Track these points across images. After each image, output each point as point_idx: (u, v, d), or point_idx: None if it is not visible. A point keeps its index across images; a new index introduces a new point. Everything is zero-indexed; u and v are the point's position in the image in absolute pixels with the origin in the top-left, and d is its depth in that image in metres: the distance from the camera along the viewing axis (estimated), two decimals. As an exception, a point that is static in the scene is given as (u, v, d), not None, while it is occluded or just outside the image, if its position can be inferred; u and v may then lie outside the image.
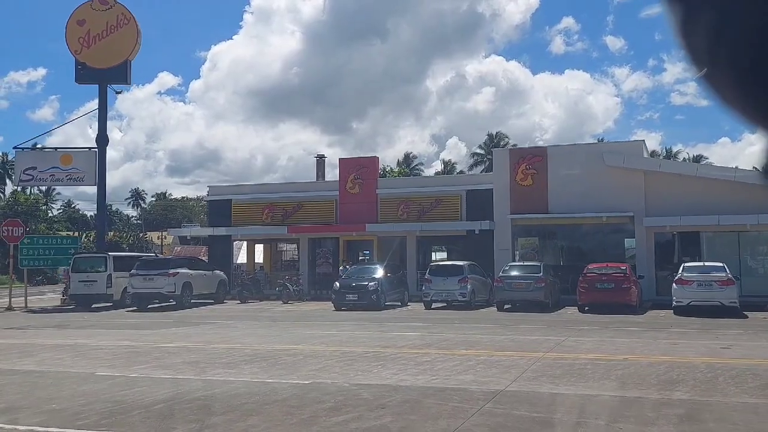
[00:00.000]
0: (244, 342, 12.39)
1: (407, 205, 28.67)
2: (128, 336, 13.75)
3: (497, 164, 27.85)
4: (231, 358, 10.16)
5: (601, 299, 19.92)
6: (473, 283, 22.15)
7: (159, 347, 11.62)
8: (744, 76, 0.69)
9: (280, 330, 14.77)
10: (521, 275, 21.25)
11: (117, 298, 23.40)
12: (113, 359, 10.18)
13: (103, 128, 28.78)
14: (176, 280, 22.71)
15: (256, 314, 20.17)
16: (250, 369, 9.06)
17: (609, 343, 11.83)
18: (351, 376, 8.40)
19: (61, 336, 13.94)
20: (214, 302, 24.78)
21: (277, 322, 17.28)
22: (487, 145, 68.66)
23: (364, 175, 29.36)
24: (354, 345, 11.68)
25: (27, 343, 12.46)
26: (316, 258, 30.54)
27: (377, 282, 22.03)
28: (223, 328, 15.43)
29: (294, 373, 8.70)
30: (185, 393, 7.40)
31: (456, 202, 28.14)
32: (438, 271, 22.33)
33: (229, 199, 31.27)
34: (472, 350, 10.78)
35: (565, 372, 8.54)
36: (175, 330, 15.06)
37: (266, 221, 30.27)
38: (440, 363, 9.34)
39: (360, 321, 17.08)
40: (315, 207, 30.03)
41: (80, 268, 23.74)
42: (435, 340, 12.38)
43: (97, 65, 28.29)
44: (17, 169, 28.11)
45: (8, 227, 24.36)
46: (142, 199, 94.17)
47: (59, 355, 10.75)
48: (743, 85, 0.70)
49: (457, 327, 15.13)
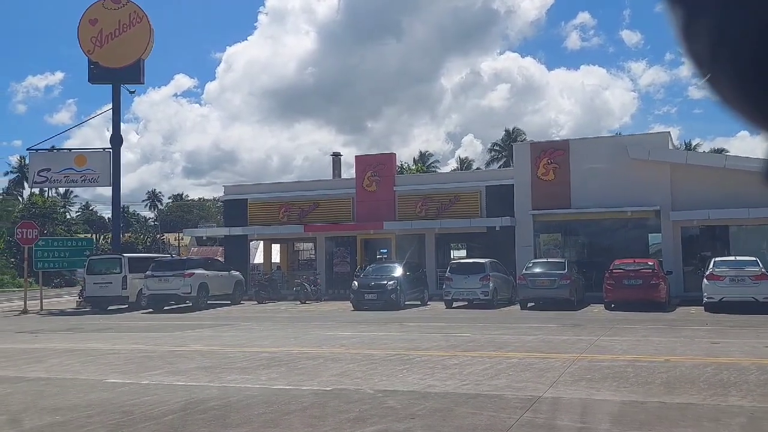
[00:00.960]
0: (261, 345, 11.90)
1: (425, 202, 28.09)
2: (142, 339, 13.32)
3: (518, 159, 27.18)
4: (247, 362, 9.67)
5: (628, 296, 19.27)
6: (495, 281, 21.55)
7: (173, 351, 11.15)
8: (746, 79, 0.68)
9: (298, 332, 14.27)
10: (545, 272, 20.62)
11: (133, 299, 23.05)
12: (125, 365, 9.73)
13: (116, 128, 28.52)
14: (192, 281, 22.31)
15: (273, 315, 19.71)
16: (268, 374, 8.55)
17: (645, 343, 11.19)
18: (375, 381, 7.86)
19: (73, 340, 13.54)
20: (231, 303, 24.38)
21: (295, 323, 16.80)
22: (504, 141, 68.04)
23: (381, 172, 28.81)
24: (376, 347, 11.15)
25: (37, 348, 12.06)
26: (333, 257, 30.05)
27: (396, 281, 21.49)
28: (239, 330, 14.96)
29: (314, 378, 8.18)
30: (199, 402, 6.91)
31: (475, 199, 27.51)
32: (459, 269, 21.74)
33: (244, 199, 30.87)
34: (502, 352, 10.19)
35: (604, 376, 7.93)
36: (190, 333, 14.61)
37: (282, 220, 29.84)
38: (469, 366, 8.77)
39: (380, 321, 16.55)
40: (331, 205, 29.55)
41: (95, 270, 23.41)
42: (460, 341, 11.80)
43: (109, 65, 28.01)
44: (31, 170, 27.89)
45: (23, 229, 24.12)
46: (158, 200, 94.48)
47: (69, 360, 10.32)
48: (745, 88, 0.69)
49: (481, 327, 14.54)
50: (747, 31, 0.67)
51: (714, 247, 24.04)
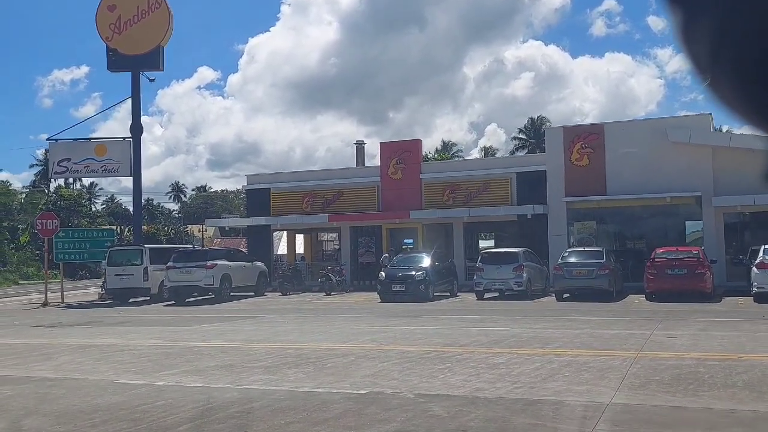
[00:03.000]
0: (287, 340, 11.11)
1: (453, 190, 27.11)
2: (161, 334, 12.62)
3: (550, 144, 26.06)
4: (272, 360, 8.87)
5: (672, 286, 18.22)
6: (529, 271, 20.57)
7: (192, 347, 10.41)
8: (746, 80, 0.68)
9: (325, 325, 13.47)
10: (582, 262, 19.59)
11: (154, 291, 22.46)
12: (140, 362, 8.99)
13: (136, 117, 27.93)
14: (214, 272, 21.64)
15: (298, 307, 18.96)
16: (295, 374, 7.74)
17: (706, 338, 10.18)
18: (414, 383, 7.00)
19: (89, 334, 12.89)
20: (255, 295, 23.70)
21: (321, 315, 16.02)
22: (528, 129, 66.76)
23: (407, 160, 27.88)
24: (410, 343, 10.29)
25: (50, 344, 11.40)
26: (358, 247, 29.23)
27: (425, 272, 20.61)
28: (263, 324, 14.21)
29: (346, 379, 7.35)
30: (218, 408, 6.11)
31: (505, 186, 26.47)
32: (490, 259, 20.78)
33: (267, 188, 30.15)
34: (549, 348, 9.26)
35: (675, 377, 6.98)
36: (212, 326, 13.89)
37: (306, 210, 29.08)
38: (517, 366, 7.87)
39: (410, 314, 15.70)
40: (356, 194, 28.71)
41: (116, 262, 22.84)
42: (501, 336, 10.89)
43: (128, 51, 27.39)
44: (51, 160, 27.42)
45: (43, 220, 23.65)
46: (182, 192, 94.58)
47: (81, 357, 9.61)
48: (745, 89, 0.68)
49: (520, 320, 13.61)
50: (747, 32, 0.64)
51: (758, 235, 22.77)
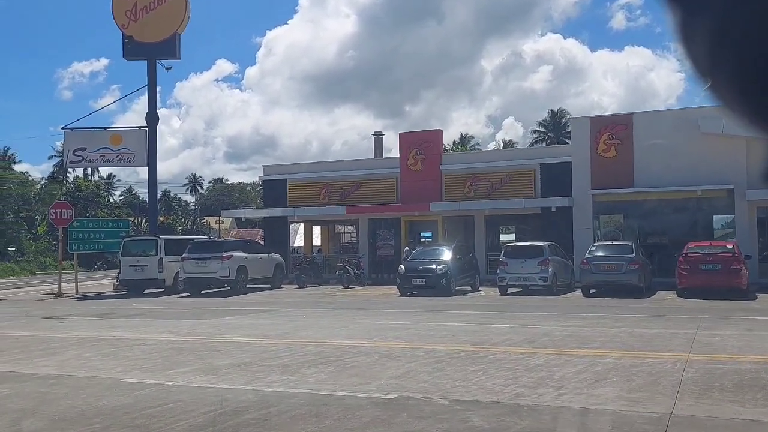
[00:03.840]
0: (305, 335, 10.52)
1: (474, 182, 26.36)
2: (174, 327, 12.10)
3: (576, 134, 25.23)
4: (290, 357, 8.28)
5: (705, 282, 17.46)
6: (555, 265, 19.84)
7: (206, 343, 9.85)
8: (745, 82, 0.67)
9: (345, 320, 12.87)
10: (611, 256, 18.82)
11: (169, 283, 22.02)
12: (149, 359, 8.43)
13: (152, 106, 27.49)
14: (230, 263, 21.15)
15: (315, 301, 18.40)
16: (315, 375, 7.13)
17: (758, 339, 9.43)
18: (447, 387, 6.37)
19: (100, 327, 12.39)
20: (271, 287, 23.20)
21: (340, 309, 15.43)
22: (548, 122, 65.75)
23: (427, 151, 27.16)
24: (437, 340, 9.65)
25: (58, 337, 10.90)
26: (376, 240, 28.60)
27: (446, 265, 19.95)
28: (280, 318, 13.64)
29: (371, 381, 6.73)
30: (231, 413, 5.52)
31: (529, 178, 25.68)
32: (514, 253, 20.06)
33: (284, 179, 29.59)
34: (588, 349, 8.58)
35: (738, 384, 6.28)
36: (227, 320, 13.35)
37: (323, 201, 28.50)
38: (557, 368, 7.20)
39: (432, 309, 15.06)
40: (374, 186, 28.06)
41: (130, 252, 22.42)
42: (534, 334, 10.21)
43: (144, 39, 26.94)
44: (66, 150, 27.07)
45: (57, 210, 23.27)
46: (199, 184, 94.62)
47: (88, 352, 9.09)
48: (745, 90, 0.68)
49: (549, 317, 12.92)
50: (746, 32, 0.64)
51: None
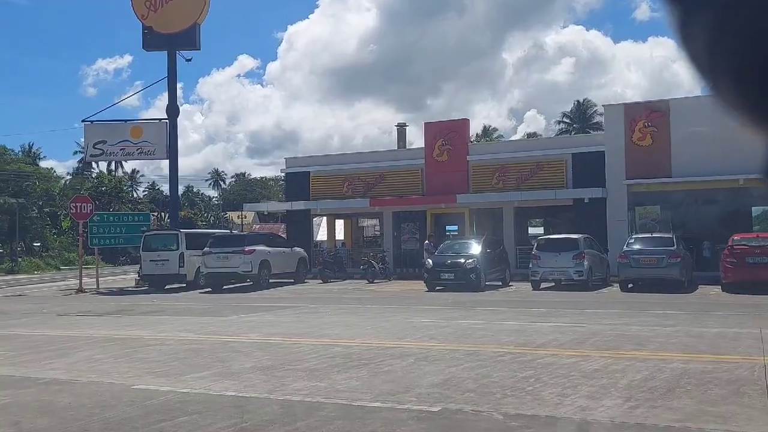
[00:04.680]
0: (332, 334, 9.81)
1: (503, 173, 25.46)
2: (193, 325, 11.47)
3: (609, 122, 24.21)
4: (317, 360, 7.56)
5: (752, 277, 16.53)
6: (590, 259, 18.93)
7: (226, 342, 9.18)
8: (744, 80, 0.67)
9: (373, 317, 12.14)
10: (651, 249, 17.88)
11: (191, 278, 21.47)
12: (165, 361, 7.77)
13: (173, 98, 27.00)
14: (253, 258, 20.54)
15: (340, 296, 17.71)
16: (346, 381, 6.39)
17: (832, 340, 8.52)
18: (497, 397, 5.59)
19: (116, 325, 11.80)
20: (294, 282, 22.57)
21: (367, 305, 14.71)
22: (574, 113, 64.41)
23: (454, 141, 26.30)
24: (476, 341, 8.86)
25: (72, 336, 10.31)
26: (400, 233, 27.84)
27: (476, 259, 19.12)
28: (305, 315, 12.96)
29: (409, 389, 5.98)
30: (253, 428, 4.81)
31: (560, 168, 24.71)
32: (548, 246, 19.19)
33: (306, 172, 28.94)
34: (649, 351, 7.74)
35: (835, 395, 5.43)
36: (249, 317, 12.69)
37: (347, 194, 27.80)
38: (619, 374, 6.39)
39: (464, 305, 14.27)
40: (399, 177, 27.28)
41: (151, 247, 21.93)
42: (580, 334, 9.38)
43: (164, 30, 26.41)
44: (87, 143, 26.67)
45: (77, 203, 22.85)
46: (222, 179, 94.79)
47: (101, 354, 8.46)
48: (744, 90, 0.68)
49: (592, 314, 12.06)
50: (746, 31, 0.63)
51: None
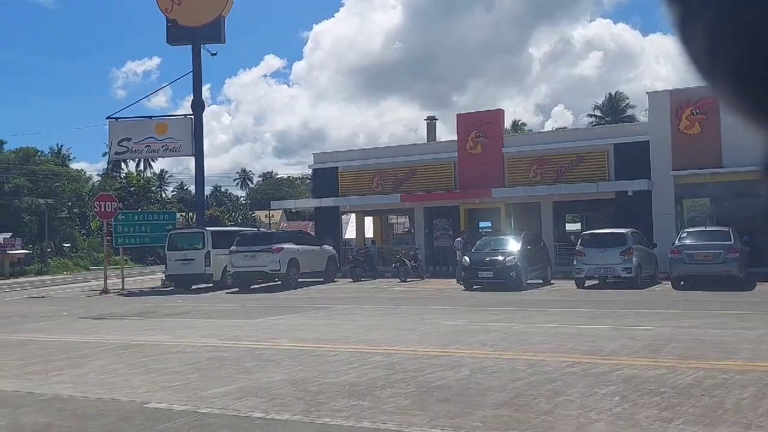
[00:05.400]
0: (370, 340, 8.85)
1: (540, 165, 24.27)
2: (218, 329, 10.61)
3: (654, 110, 22.87)
4: (357, 372, 6.61)
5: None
6: (638, 255, 17.72)
7: (253, 350, 8.27)
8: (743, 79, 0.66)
9: (411, 320, 11.16)
10: (706, 244, 16.62)
11: (217, 278, 20.71)
12: (185, 372, 6.88)
13: (198, 93, 26.34)
14: (281, 256, 19.71)
15: (373, 296, 16.77)
16: (394, 400, 5.42)
17: None
18: (581, 422, 4.57)
19: (136, 329, 10.99)
20: (324, 281, 21.70)
21: (402, 306, 13.74)
22: (605, 105, 62.72)
23: (488, 132, 25.17)
24: (533, 347, 7.82)
25: (87, 342, 9.50)
26: (432, 230, 26.81)
27: (515, 256, 18.03)
28: (338, 317, 12.04)
29: (472, 411, 4.98)
30: (286, 466, 3.88)
31: (602, 159, 23.44)
32: (593, 242, 18.01)
33: (335, 167, 28.06)
34: (741, 361, 6.63)
35: None
36: (278, 320, 11.80)
37: (376, 190, 26.85)
38: (722, 391, 5.31)
39: (507, 305, 13.23)
40: (430, 172, 26.25)
41: (177, 246, 21.21)
42: (651, 338, 8.27)
43: (188, 23, 25.77)
44: (111, 140, 26.13)
45: (101, 202, 22.26)
46: (249, 179, 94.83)
47: (116, 363, 7.61)
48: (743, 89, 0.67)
49: (652, 315, 10.93)
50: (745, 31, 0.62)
51: None
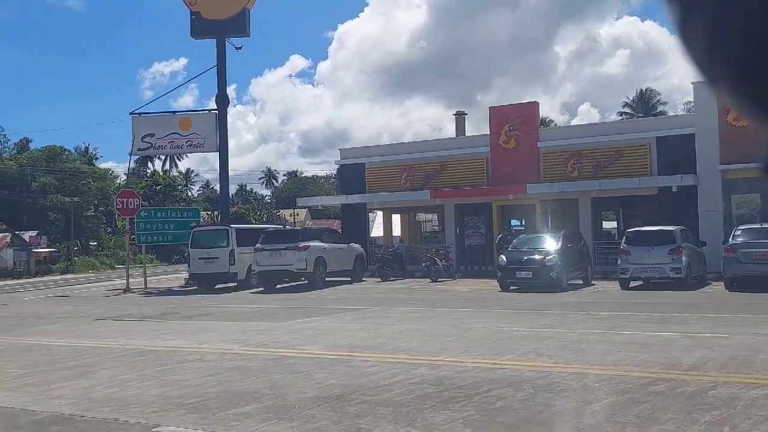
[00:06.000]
0: (409, 347, 7.94)
1: (578, 159, 23.14)
2: (241, 333, 9.78)
3: (700, 101, 21.58)
4: (400, 387, 5.71)
5: None
6: (688, 254, 16.58)
7: (280, 359, 7.41)
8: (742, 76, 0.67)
9: (451, 324, 10.22)
10: (764, 242, 15.42)
11: (242, 277, 19.97)
12: (203, 386, 6.04)
13: (222, 88, 25.61)
14: (308, 254, 18.90)
15: (405, 297, 15.86)
16: (450, 425, 4.48)
17: None
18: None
19: (154, 333, 10.21)
20: (351, 280, 20.85)
21: (438, 309, 12.81)
22: (636, 102, 61.02)
23: (522, 126, 24.09)
24: (599, 358, 6.83)
25: (99, 348, 8.73)
26: (463, 228, 25.81)
27: (556, 255, 16.99)
28: (370, 320, 11.15)
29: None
30: None
31: (643, 153, 22.25)
32: (639, 240, 16.90)
33: (362, 163, 27.18)
34: None
35: None
36: (306, 323, 10.95)
37: (405, 186, 25.93)
38: None
39: (551, 308, 12.23)
40: (461, 167, 25.25)
41: (200, 244, 20.51)
42: (735, 349, 7.22)
43: (212, 16, 25.07)
44: (135, 135, 25.55)
45: (123, 198, 21.69)
46: (274, 178, 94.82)
47: (127, 373, 6.80)
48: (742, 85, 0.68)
49: (717, 319, 9.87)
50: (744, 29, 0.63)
51: None
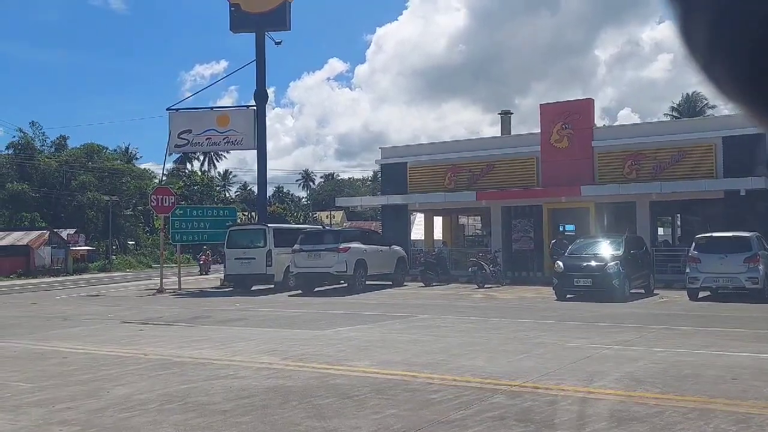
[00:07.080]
0: (477, 368, 6.77)
1: (636, 160, 21.65)
2: (280, 342, 8.74)
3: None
4: (480, 424, 4.56)
5: None
6: (765, 262, 15.06)
7: (325, 377, 6.32)
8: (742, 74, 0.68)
9: (515, 337, 9.02)
10: None
11: (279, 279, 19.05)
12: (233, 413, 4.98)
13: (261, 83, 24.89)
14: (348, 257, 17.89)
15: (453, 304, 14.68)
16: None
17: None
18: None
19: (183, 341, 9.23)
20: (393, 285, 19.77)
21: (492, 319, 11.60)
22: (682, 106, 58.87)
23: (576, 124, 22.69)
24: (715, 390, 5.58)
25: (121, 358, 7.77)
26: (511, 231, 24.48)
27: (618, 262, 15.60)
28: (421, 329, 10.02)
29: None
30: None
31: (708, 154, 20.67)
32: (711, 247, 15.39)
33: (404, 162, 26.06)
34: None
35: None
36: (349, 331, 9.87)
37: (449, 187, 24.73)
38: None
39: (623, 322, 10.92)
40: (509, 167, 23.95)
41: (236, 244, 19.65)
42: None
43: (252, 9, 24.39)
44: (171, 132, 24.93)
45: (158, 196, 20.99)
46: (311, 180, 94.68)
47: (146, 392, 5.79)
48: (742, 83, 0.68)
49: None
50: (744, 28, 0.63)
51: None
